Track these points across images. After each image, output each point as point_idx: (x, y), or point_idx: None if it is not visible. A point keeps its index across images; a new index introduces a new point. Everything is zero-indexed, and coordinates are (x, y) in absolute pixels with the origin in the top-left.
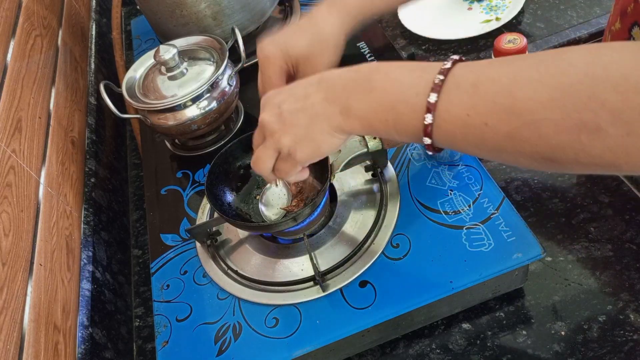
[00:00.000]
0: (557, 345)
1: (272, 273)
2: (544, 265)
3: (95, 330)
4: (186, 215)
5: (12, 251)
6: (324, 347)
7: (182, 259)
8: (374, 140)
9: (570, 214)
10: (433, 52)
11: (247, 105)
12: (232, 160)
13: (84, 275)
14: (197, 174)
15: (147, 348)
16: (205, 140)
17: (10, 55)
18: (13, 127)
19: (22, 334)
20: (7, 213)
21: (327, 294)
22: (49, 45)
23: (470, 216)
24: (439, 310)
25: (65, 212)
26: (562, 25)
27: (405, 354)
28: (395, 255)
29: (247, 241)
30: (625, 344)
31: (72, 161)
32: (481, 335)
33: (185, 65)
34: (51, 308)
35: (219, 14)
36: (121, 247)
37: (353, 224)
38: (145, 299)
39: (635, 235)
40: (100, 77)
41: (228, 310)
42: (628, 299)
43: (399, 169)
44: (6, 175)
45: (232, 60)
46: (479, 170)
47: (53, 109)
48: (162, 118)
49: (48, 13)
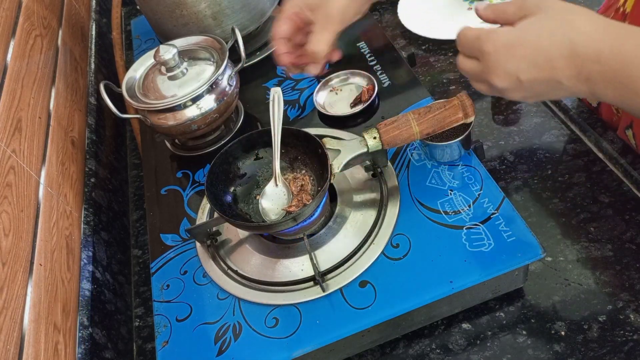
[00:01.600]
0: (557, 345)
1: (272, 273)
2: (544, 265)
3: (95, 330)
4: (186, 215)
5: (12, 251)
6: (324, 347)
7: (182, 259)
8: (374, 140)
9: (570, 214)
10: (433, 52)
11: (247, 105)
12: (232, 160)
13: (84, 275)
14: (197, 174)
15: (147, 348)
16: (205, 140)
17: (10, 55)
18: (13, 127)
19: (22, 334)
20: (7, 213)
21: (327, 294)
22: (49, 45)
23: (470, 216)
24: (439, 310)
25: (65, 212)
26: None
27: (405, 354)
28: (395, 255)
29: (247, 241)
30: (625, 344)
31: (72, 161)
32: (481, 335)
33: (185, 65)
34: (51, 308)
35: (219, 14)
36: (121, 247)
37: (353, 224)
38: (145, 299)
39: (635, 235)
40: (100, 77)
41: (228, 310)
42: (628, 299)
43: (399, 169)
44: (6, 175)
45: (232, 60)
46: (479, 170)
47: (53, 109)
48: (162, 118)
49: (48, 13)
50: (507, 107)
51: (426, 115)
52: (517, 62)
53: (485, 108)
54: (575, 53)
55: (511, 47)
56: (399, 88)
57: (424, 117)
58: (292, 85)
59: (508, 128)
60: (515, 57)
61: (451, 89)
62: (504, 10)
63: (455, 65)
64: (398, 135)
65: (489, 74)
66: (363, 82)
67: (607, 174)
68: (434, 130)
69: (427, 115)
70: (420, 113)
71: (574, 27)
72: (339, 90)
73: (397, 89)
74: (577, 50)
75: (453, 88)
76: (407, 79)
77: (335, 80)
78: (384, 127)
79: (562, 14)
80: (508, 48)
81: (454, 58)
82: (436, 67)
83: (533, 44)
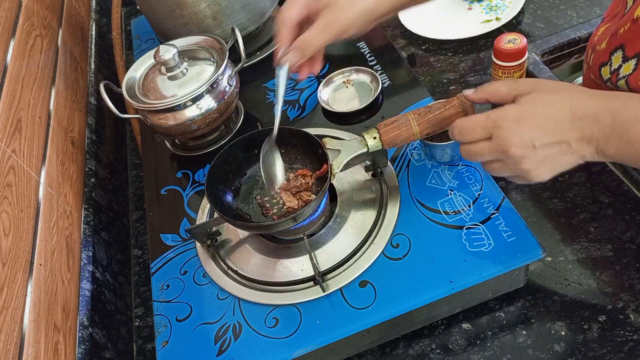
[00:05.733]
0: (557, 345)
1: (272, 273)
2: (544, 265)
3: (95, 330)
4: (186, 215)
5: (12, 251)
6: (324, 347)
7: (182, 259)
8: (374, 140)
9: (570, 214)
10: (433, 52)
11: (247, 105)
12: (232, 160)
13: (84, 275)
14: (197, 174)
15: (147, 348)
16: (205, 140)
17: (10, 55)
18: (13, 127)
19: (22, 334)
20: (7, 213)
21: (327, 294)
22: (49, 45)
23: (470, 216)
24: (439, 310)
25: (65, 212)
26: (562, 25)
27: (405, 354)
28: (395, 255)
29: (247, 241)
30: (625, 344)
31: (72, 161)
32: (481, 335)
33: (185, 65)
34: (51, 308)
35: (219, 14)
36: (121, 247)
37: (353, 224)
38: (145, 299)
39: (635, 235)
40: (100, 77)
41: (228, 310)
42: (628, 299)
43: (399, 169)
44: (6, 175)
45: (232, 60)
46: (479, 170)
47: (53, 109)
48: (162, 118)
49: (48, 13)
50: None
51: (426, 115)
52: (530, 131)
53: (485, 108)
54: (576, 116)
55: (522, 119)
56: (399, 88)
57: (424, 117)
58: (292, 85)
59: None
60: (528, 127)
61: (451, 89)
62: (497, 90)
63: (455, 65)
64: (398, 135)
65: (506, 146)
66: (367, 79)
67: (607, 174)
68: (434, 130)
69: (427, 115)
70: (420, 113)
71: (571, 96)
72: (349, 84)
73: (397, 89)
74: (577, 114)
75: (453, 88)
76: (407, 79)
77: (339, 77)
78: (384, 127)
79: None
80: (520, 120)
81: (454, 58)
82: (436, 67)
83: (541, 114)
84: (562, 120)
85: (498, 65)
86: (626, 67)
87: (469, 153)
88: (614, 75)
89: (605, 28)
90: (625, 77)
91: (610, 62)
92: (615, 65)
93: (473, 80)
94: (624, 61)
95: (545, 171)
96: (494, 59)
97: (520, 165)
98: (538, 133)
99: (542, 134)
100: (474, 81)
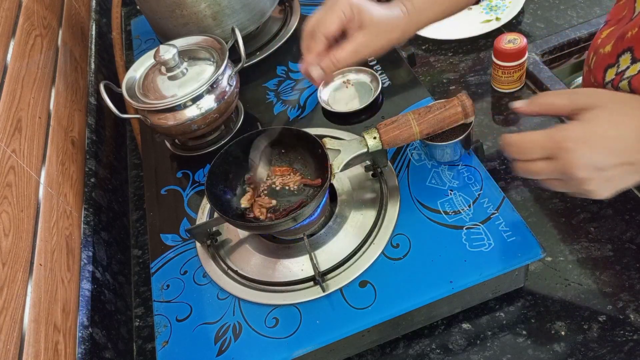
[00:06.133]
0: (557, 345)
1: (272, 273)
2: (544, 265)
3: (95, 330)
4: (186, 215)
5: (12, 251)
6: (324, 347)
7: (182, 259)
8: (373, 140)
9: (570, 214)
10: (433, 52)
11: (247, 105)
12: (232, 160)
13: (84, 275)
14: (197, 174)
15: (147, 348)
16: (205, 140)
17: (10, 55)
18: (13, 127)
19: (22, 334)
20: (7, 213)
21: (327, 294)
22: (49, 45)
23: (470, 216)
24: (439, 310)
25: (65, 212)
26: (562, 25)
27: (405, 354)
28: (395, 255)
29: (247, 241)
30: (625, 344)
31: (72, 161)
32: (481, 335)
33: (185, 65)
34: (51, 308)
35: (219, 14)
36: (121, 247)
37: (353, 224)
38: (145, 299)
39: (635, 235)
40: (100, 77)
41: (228, 310)
42: (628, 299)
43: (399, 169)
44: (6, 175)
45: (232, 60)
46: (479, 170)
47: (53, 109)
48: (162, 118)
49: (48, 13)
50: (507, 107)
51: (426, 115)
52: (597, 154)
53: (485, 108)
54: None
55: (588, 140)
56: (399, 88)
57: (424, 117)
58: (292, 85)
59: (508, 128)
60: (594, 149)
61: (451, 89)
62: (552, 103)
63: (455, 65)
64: (398, 135)
65: (571, 168)
66: (367, 79)
67: None
68: (434, 130)
69: (427, 115)
70: (420, 113)
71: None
72: (349, 84)
73: (397, 89)
74: None
75: (453, 88)
76: (407, 79)
77: (339, 77)
78: (384, 127)
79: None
80: (585, 142)
81: (454, 58)
82: (436, 67)
83: (608, 135)
84: (630, 141)
85: (498, 65)
86: (633, 68)
87: (527, 171)
88: (618, 77)
89: (610, 31)
90: (629, 78)
91: (618, 64)
92: (623, 66)
93: (473, 80)
94: (632, 62)
95: (608, 190)
96: (494, 59)
97: (584, 186)
98: (604, 155)
99: (608, 156)
100: (474, 81)
